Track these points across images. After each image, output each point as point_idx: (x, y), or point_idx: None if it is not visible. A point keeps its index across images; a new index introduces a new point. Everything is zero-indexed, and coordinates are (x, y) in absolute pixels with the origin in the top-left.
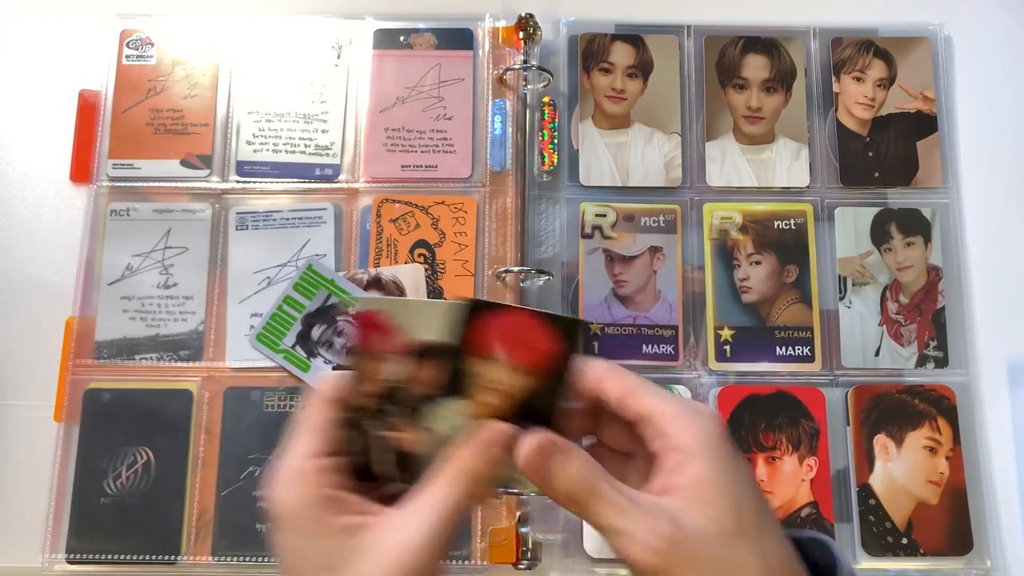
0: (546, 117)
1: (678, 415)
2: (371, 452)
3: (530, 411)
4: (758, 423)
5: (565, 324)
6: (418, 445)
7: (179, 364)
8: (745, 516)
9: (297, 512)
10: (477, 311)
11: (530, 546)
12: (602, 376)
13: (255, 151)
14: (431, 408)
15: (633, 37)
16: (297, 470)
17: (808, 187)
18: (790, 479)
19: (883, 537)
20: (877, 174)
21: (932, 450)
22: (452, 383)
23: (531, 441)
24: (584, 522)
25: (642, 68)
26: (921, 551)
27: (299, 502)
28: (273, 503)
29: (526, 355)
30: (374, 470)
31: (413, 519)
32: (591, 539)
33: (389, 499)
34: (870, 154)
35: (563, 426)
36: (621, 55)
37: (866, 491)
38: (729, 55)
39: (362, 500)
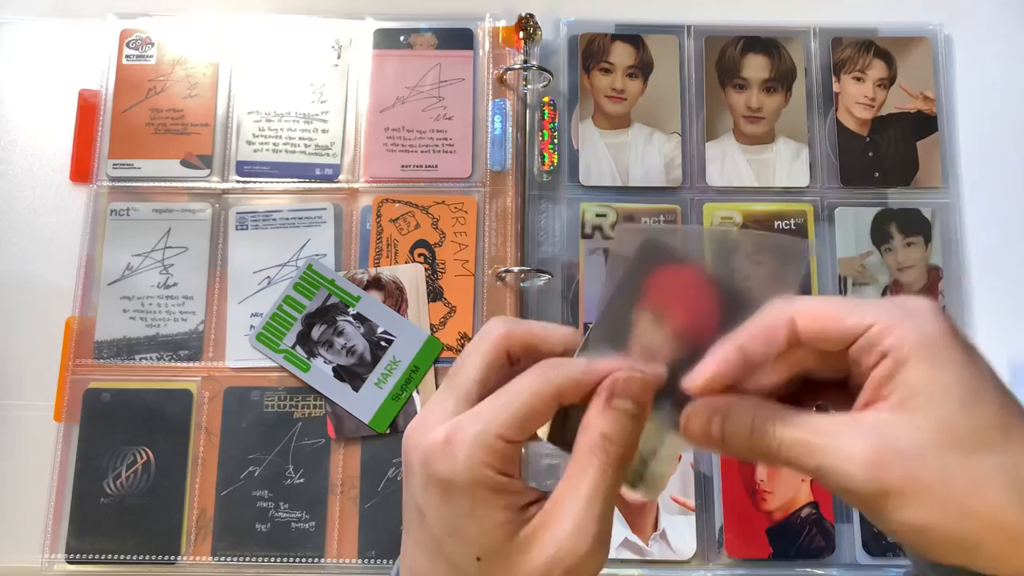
0: (546, 117)
1: (886, 321)
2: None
3: (676, 384)
4: None
5: (737, 300)
6: None
7: (179, 364)
8: (982, 424)
9: (467, 489)
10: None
11: None
12: (794, 318)
13: (255, 151)
14: None
15: (633, 37)
16: (486, 445)
17: (808, 187)
18: (790, 479)
19: (883, 537)
20: (877, 174)
21: None
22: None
23: (688, 412)
24: None
25: (642, 68)
26: None
27: (474, 479)
28: (442, 464)
29: (685, 321)
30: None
31: (564, 514)
32: None
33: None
34: (870, 154)
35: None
36: (621, 55)
37: None
38: (729, 55)
39: (522, 486)
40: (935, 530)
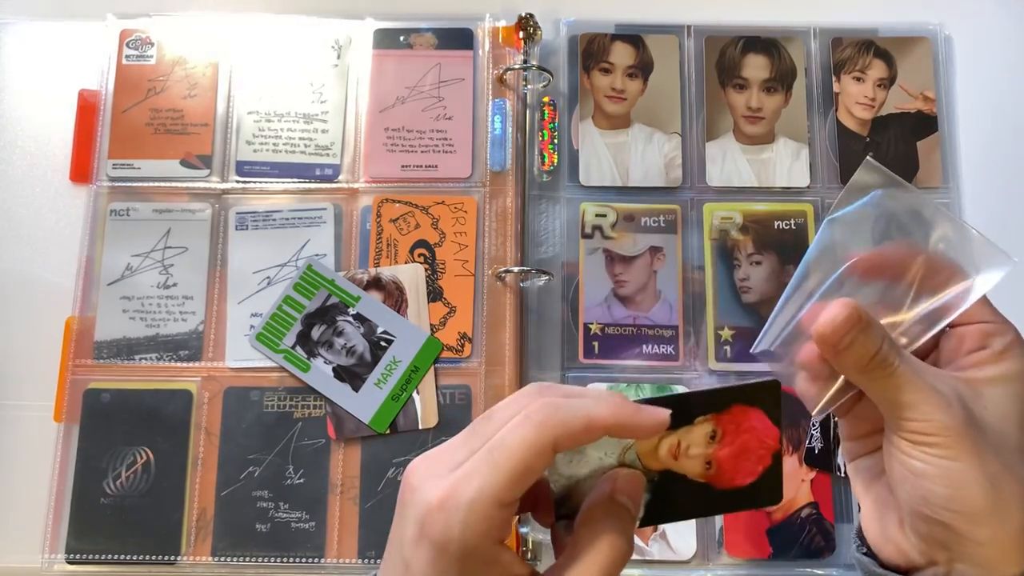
0: (546, 117)
1: (1002, 328)
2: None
3: (666, 491)
4: None
5: (772, 484)
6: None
7: (179, 364)
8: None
9: (459, 557)
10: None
11: (530, 546)
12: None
13: (255, 151)
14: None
15: (633, 37)
16: (482, 513)
17: (808, 187)
18: (790, 479)
19: None
20: None
21: None
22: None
23: (837, 312)
24: None
25: (642, 68)
26: None
27: (467, 549)
28: (437, 527)
29: (734, 472)
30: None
31: None
32: None
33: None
34: (870, 154)
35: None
36: (621, 55)
37: None
38: (729, 55)
39: (512, 557)
40: (958, 475)
